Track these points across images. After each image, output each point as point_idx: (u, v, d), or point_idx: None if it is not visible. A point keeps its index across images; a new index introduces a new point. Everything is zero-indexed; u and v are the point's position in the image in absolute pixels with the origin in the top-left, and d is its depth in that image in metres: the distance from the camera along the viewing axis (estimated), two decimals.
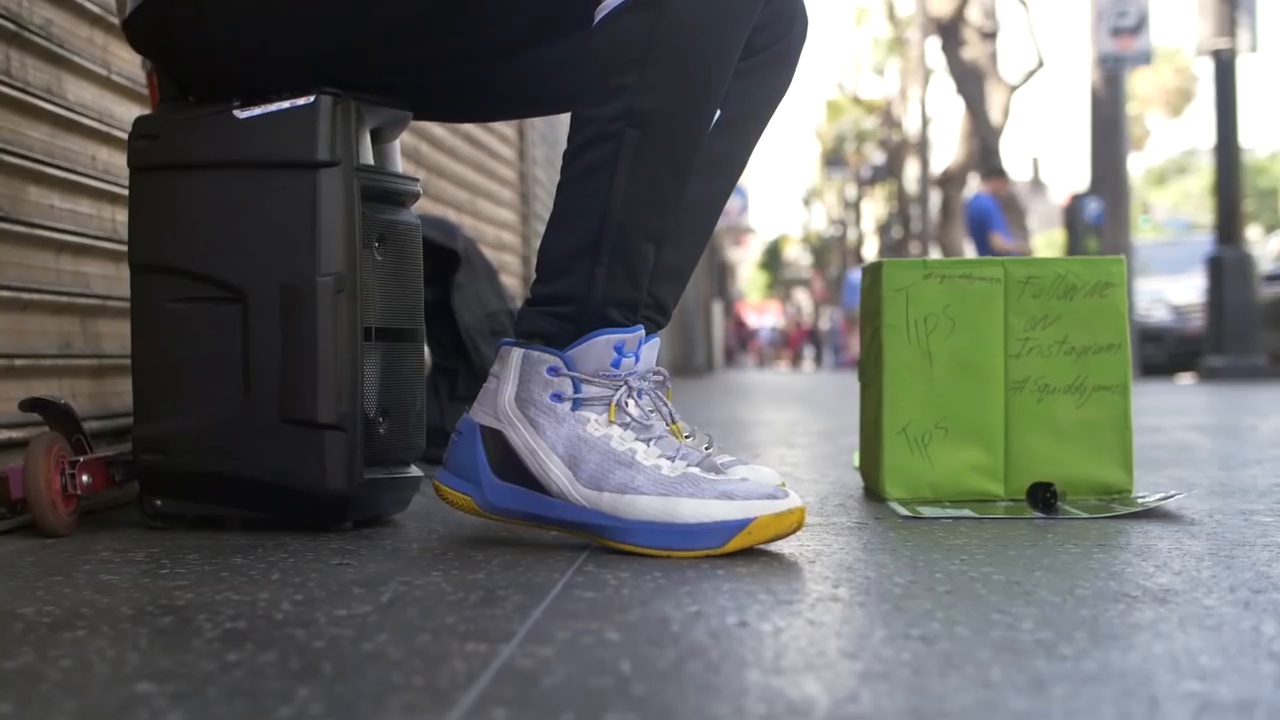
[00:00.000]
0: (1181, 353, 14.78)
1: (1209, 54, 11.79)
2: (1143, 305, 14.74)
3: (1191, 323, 14.61)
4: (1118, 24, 12.98)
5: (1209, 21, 11.75)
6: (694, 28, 1.51)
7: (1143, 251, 17.04)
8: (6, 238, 1.93)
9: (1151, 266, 16.37)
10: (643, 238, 1.55)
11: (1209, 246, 13.94)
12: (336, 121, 1.67)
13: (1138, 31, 12.98)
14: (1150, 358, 14.74)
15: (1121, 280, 2.07)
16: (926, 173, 26.23)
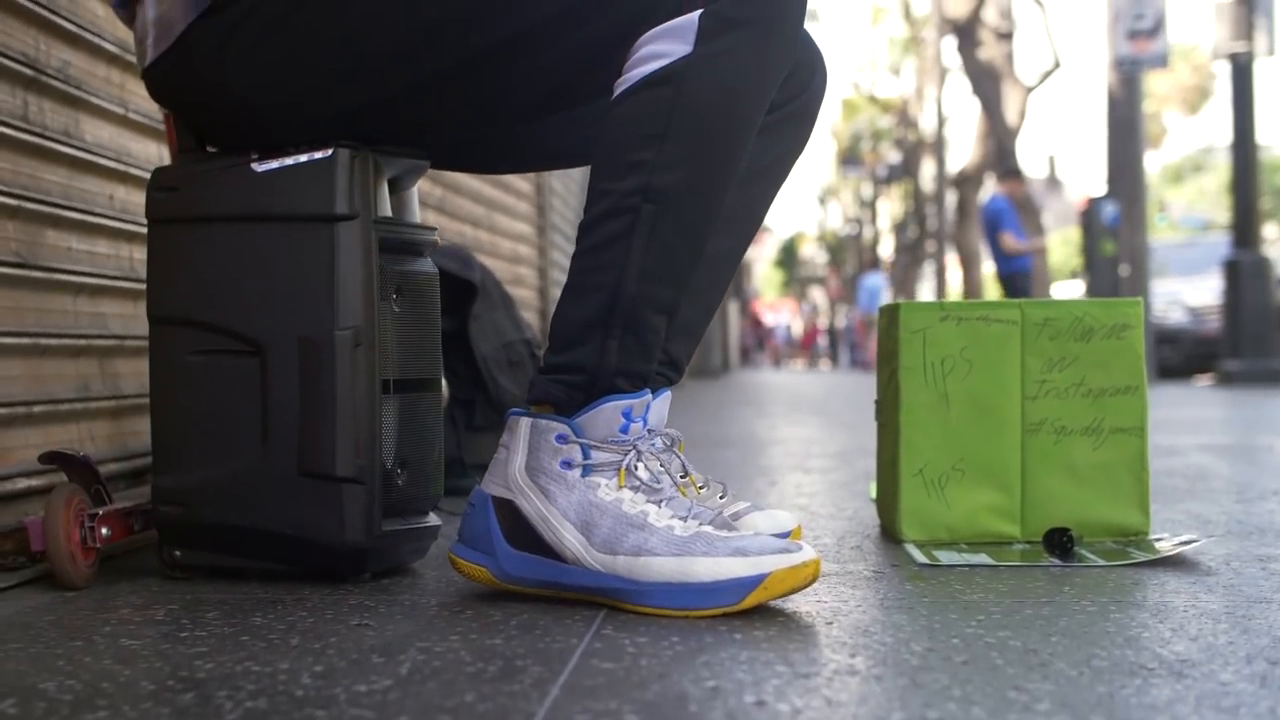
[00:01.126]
0: (1197, 354, 14.75)
1: (1226, 57, 11.76)
2: (1159, 307, 14.71)
3: (1208, 324, 14.58)
4: (1134, 26, 12.95)
5: (1226, 25, 11.71)
6: (713, 106, 1.51)
7: (1159, 253, 17.00)
8: (25, 284, 1.94)
9: (1168, 268, 16.33)
10: (656, 311, 1.55)
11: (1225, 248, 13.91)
12: (354, 175, 1.67)
13: (1155, 34, 12.94)
14: (1166, 359, 14.71)
15: (1139, 322, 2.06)
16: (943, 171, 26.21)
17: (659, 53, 1.52)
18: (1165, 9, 13.01)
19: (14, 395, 1.88)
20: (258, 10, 1.61)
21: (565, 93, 1.65)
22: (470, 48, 1.58)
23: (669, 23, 1.52)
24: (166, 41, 1.65)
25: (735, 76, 1.52)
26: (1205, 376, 12.72)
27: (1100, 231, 13.00)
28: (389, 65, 1.61)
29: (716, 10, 1.51)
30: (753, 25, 1.52)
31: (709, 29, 1.51)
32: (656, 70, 1.51)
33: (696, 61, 1.51)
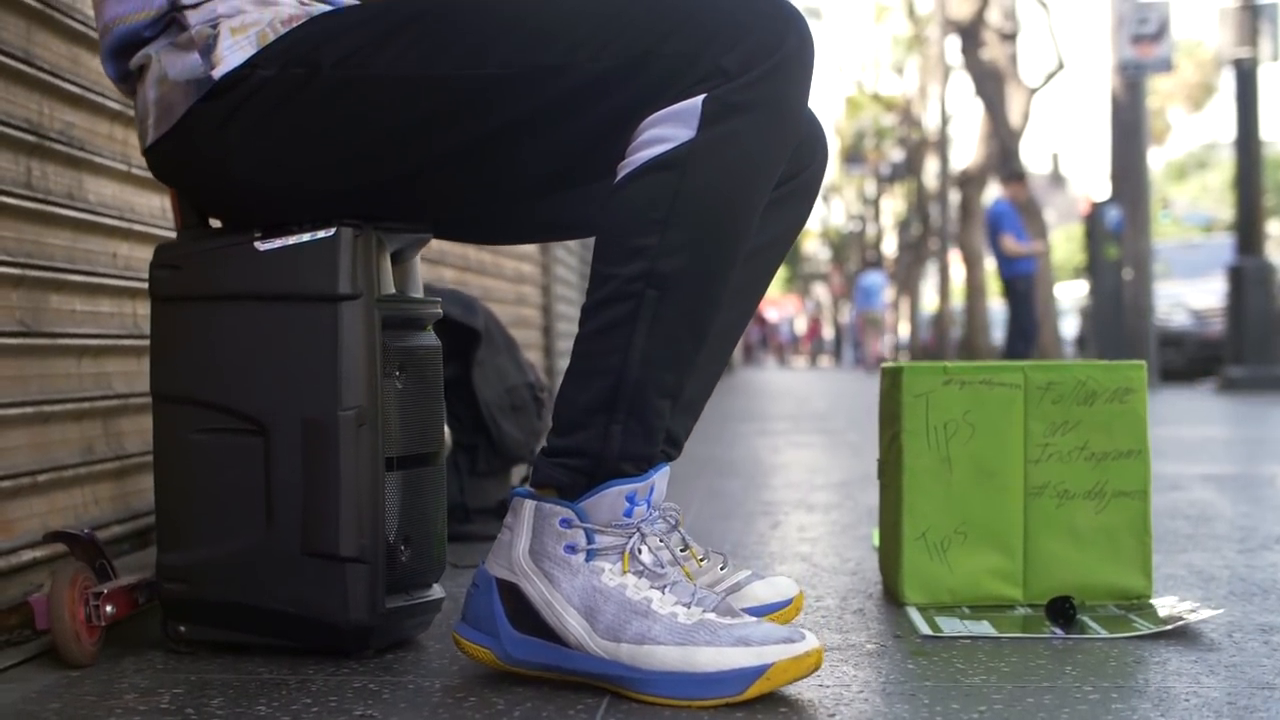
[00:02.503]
0: (1201, 357, 14.75)
1: (1231, 63, 11.75)
2: (1162, 309, 14.71)
3: (1211, 327, 14.58)
4: (1138, 31, 12.94)
5: (1230, 30, 11.71)
6: (717, 191, 1.51)
7: (1162, 255, 16.99)
8: (29, 351, 1.94)
9: (1171, 270, 16.32)
10: (660, 396, 1.55)
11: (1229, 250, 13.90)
12: (357, 254, 1.68)
13: (1158, 38, 12.93)
14: (1169, 362, 14.71)
15: (1142, 386, 2.07)
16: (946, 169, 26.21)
17: (662, 137, 1.52)
18: (1169, 14, 13.00)
19: (18, 466, 1.88)
20: (258, 95, 1.61)
21: (568, 174, 1.65)
22: (472, 132, 1.58)
23: (672, 107, 1.52)
24: (168, 123, 1.65)
25: (739, 162, 1.52)
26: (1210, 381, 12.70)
27: (1104, 236, 13.01)
28: (389, 150, 1.61)
29: (720, 95, 1.51)
30: (756, 110, 1.51)
31: (712, 114, 1.51)
32: (660, 155, 1.51)
33: (700, 147, 1.51)
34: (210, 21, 1.63)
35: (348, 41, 1.60)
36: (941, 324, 26.33)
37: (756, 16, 1.52)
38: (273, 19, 1.64)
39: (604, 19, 1.54)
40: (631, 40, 1.53)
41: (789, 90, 1.53)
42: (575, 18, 1.56)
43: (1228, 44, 11.76)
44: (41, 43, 2.02)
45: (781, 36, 1.52)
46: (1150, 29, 12.97)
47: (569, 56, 1.54)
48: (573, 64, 1.54)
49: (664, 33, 1.52)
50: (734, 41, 1.51)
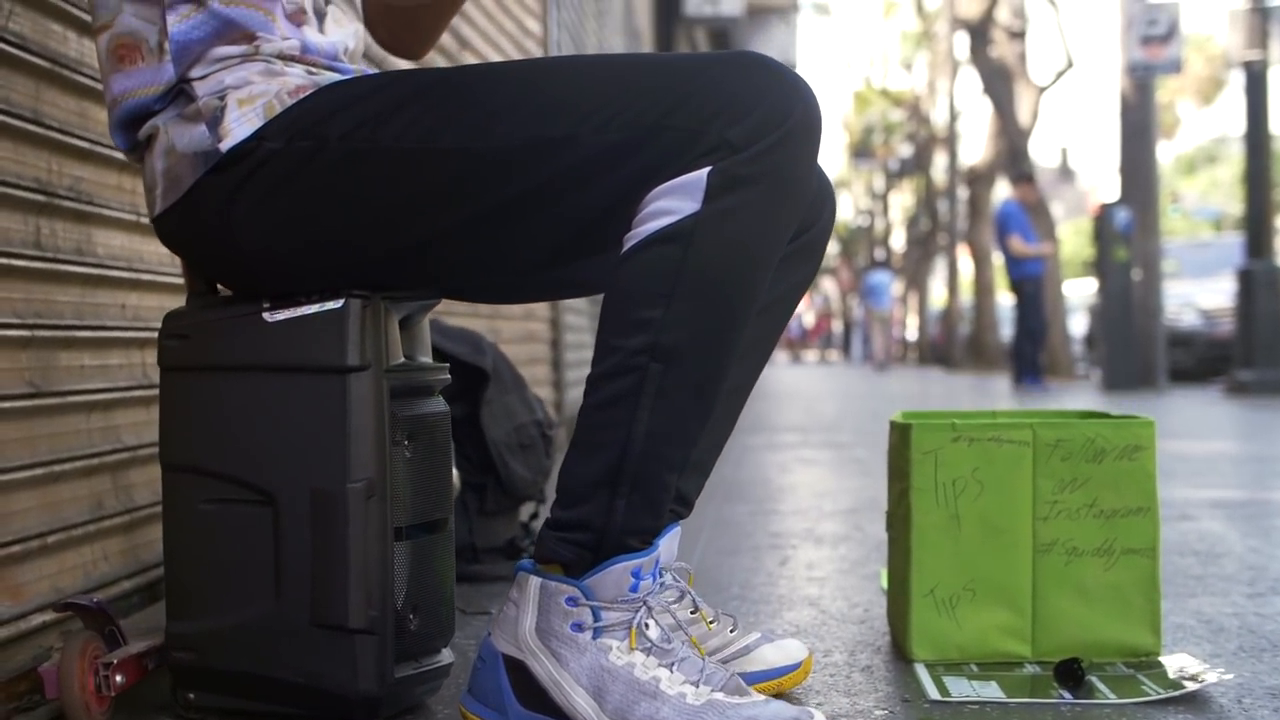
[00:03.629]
0: (1210, 357, 14.73)
1: (1241, 65, 11.72)
2: (1171, 309, 14.70)
3: (1220, 327, 14.56)
4: (1148, 32, 12.92)
5: (1240, 33, 11.68)
6: (722, 264, 1.51)
7: (1172, 254, 16.96)
8: (38, 412, 1.94)
9: (1181, 270, 16.30)
10: (665, 470, 1.55)
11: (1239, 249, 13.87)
12: (366, 325, 1.68)
13: (1168, 40, 12.91)
14: (1178, 362, 14.69)
15: (1151, 443, 2.06)
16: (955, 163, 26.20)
17: (667, 209, 1.51)
18: (1178, 15, 12.97)
19: (27, 529, 1.89)
20: (265, 167, 1.61)
21: (576, 246, 1.64)
22: (478, 206, 1.58)
23: (678, 179, 1.51)
24: (174, 195, 1.65)
25: (744, 234, 1.52)
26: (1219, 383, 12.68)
27: (1113, 237, 12.99)
28: (396, 223, 1.61)
29: (725, 169, 1.50)
30: (762, 182, 1.51)
31: (717, 186, 1.50)
32: (664, 227, 1.51)
33: (705, 220, 1.50)
34: (218, 93, 1.63)
35: (354, 114, 1.60)
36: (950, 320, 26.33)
37: (764, 90, 1.52)
38: (280, 90, 1.64)
39: (611, 92, 1.54)
40: (639, 114, 1.53)
41: (795, 162, 1.53)
42: (582, 91, 1.55)
43: (1238, 46, 11.73)
44: (50, 100, 2.02)
45: (789, 109, 1.52)
46: (1160, 30, 12.94)
47: (575, 129, 1.54)
48: (579, 137, 1.54)
49: (670, 106, 1.52)
50: (741, 115, 1.50)
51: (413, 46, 2.00)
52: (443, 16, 1.96)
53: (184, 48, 1.64)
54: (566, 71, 1.59)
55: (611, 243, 1.58)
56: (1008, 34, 18.57)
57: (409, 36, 1.99)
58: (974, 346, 23.37)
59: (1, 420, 1.85)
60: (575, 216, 1.58)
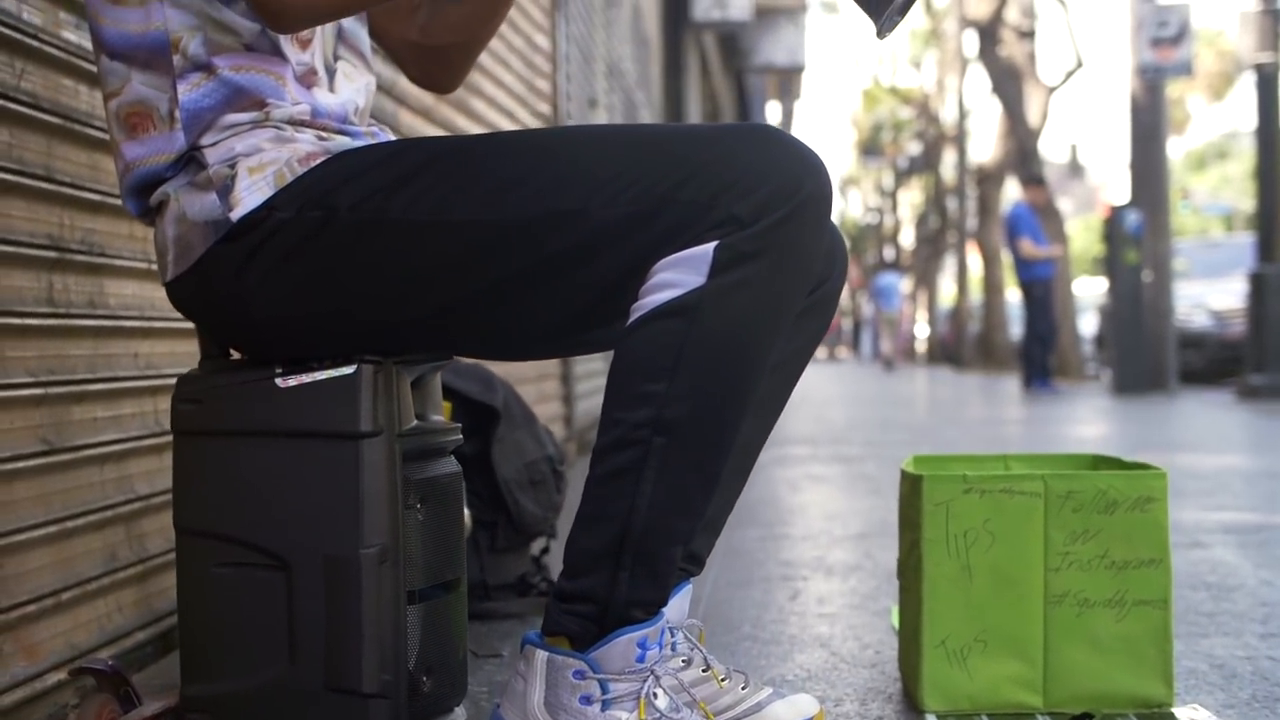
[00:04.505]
0: (1221, 358, 14.71)
1: (1252, 68, 11.69)
2: (1182, 310, 14.68)
3: (1231, 328, 14.53)
4: (1158, 34, 12.89)
5: (1251, 35, 11.65)
6: (727, 339, 1.51)
7: (1183, 254, 16.93)
8: (52, 469, 1.95)
9: (1192, 270, 16.27)
10: (668, 543, 1.56)
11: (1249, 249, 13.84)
12: (378, 391, 1.68)
13: (1178, 42, 12.89)
14: (1189, 364, 14.67)
15: (1163, 495, 2.06)
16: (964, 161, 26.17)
17: (672, 281, 1.52)
18: (1189, 17, 12.94)
19: (41, 587, 1.90)
20: (275, 237, 1.61)
21: (584, 316, 1.64)
22: (487, 277, 1.59)
23: (684, 252, 1.52)
24: (186, 262, 1.66)
25: (749, 309, 1.52)
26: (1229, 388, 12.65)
27: (1123, 240, 12.98)
28: (406, 293, 1.62)
29: (732, 243, 1.50)
30: (768, 257, 1.51)
31: (723, 261, 1.51)
32: (669, 301, 1.51)
33: (710, 294, 1.51)
34: (228, 161, 1.63)
35: (364, 184, 1.60)
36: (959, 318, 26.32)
37: (773, 165, 1.52)
38: (290, 157, 1.64)
39: (621, 165, 1.54)
40: (647, 187, 1.53)
41: (803, 236, 1.53)
42: (592, 163, 1.56)
43: (1249, 49, 11.70)
44: (62, 155, 2.02)
45: (797, 184, 1.52)
46: (1170, 32, 12.92)
47: (585, 203, 1.54)
48: (589, 210, 1.54)
49: (680, 180, 1.52)
50: (749, 190, 1.51)
51: (444, 82, 2.00)
52: (472, 51, 1.96)
53: (195, 116, 1.64)
54: (577, 143, 1.59)
55: (621, 313, 1.58)
56: (1017, 34, 18.54)
57: (440, 73, 1.98)
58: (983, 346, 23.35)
59: (16, 479, 1.86)
60: (584, 288, 1.59)
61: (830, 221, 1.66)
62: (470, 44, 1.93)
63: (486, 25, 1.90)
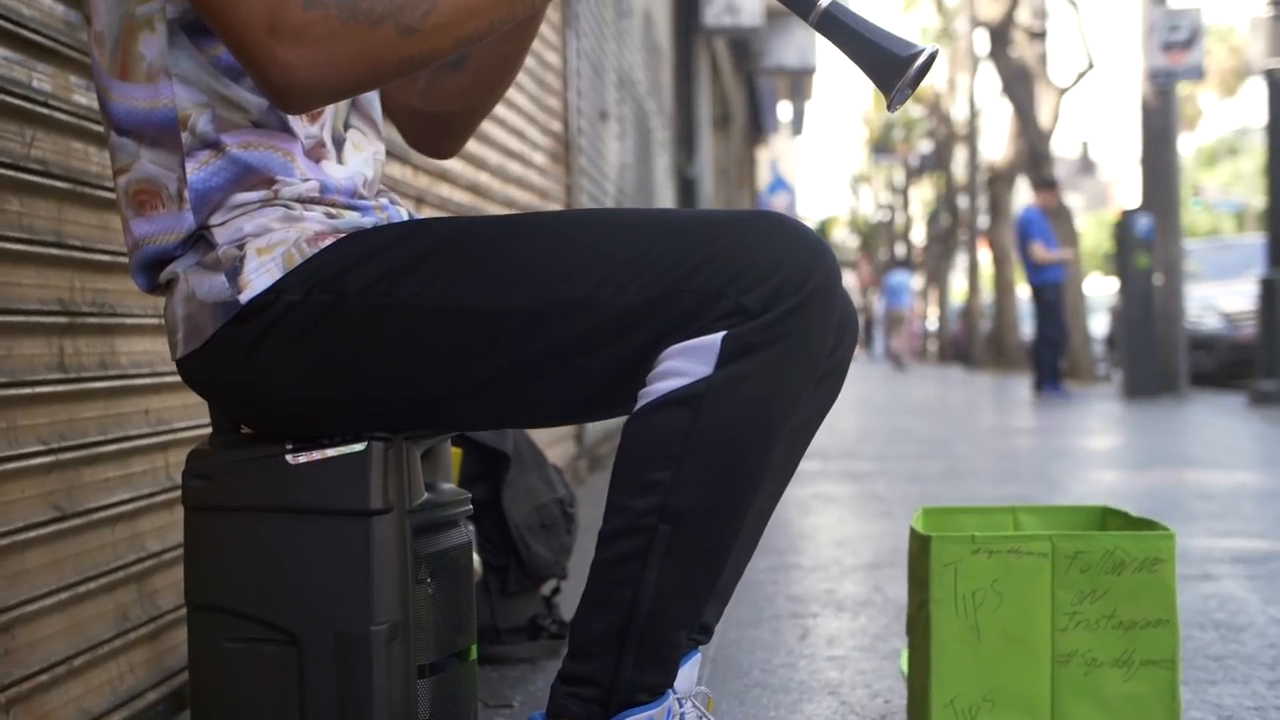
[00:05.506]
0: (1232, 361, 14.68)
1: (1262, 73, 11.66)
2: (1193, 312, 14.65)
3: (1242, 330, 14.50)
4: (1169, 38, 12.87)
5: (1262, 40, 11.63)
6: (733, 429, 1.52)
7: (1194, 255, 16.90)
8: (63, 535, 1.96)
9: (1203, 271, 16.23)
10: (673, 628, 1.57)
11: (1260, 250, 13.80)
12: (388, 468, 1.69)
13: (1190, 46, 12.86)
14: (1200, 366, 14.65)
15: (1171, 556, 2.07)
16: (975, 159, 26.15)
17: (680, 370, 1.53)
18: (1200, 20, 12.91)
19: (54, 655, 1.90)
20: (284, 320, 1.62)
21: (591, 402, 1.65)
22: (495, 364, 1.59)
23: (692, 341, 1.53)
24: (196, 342, 1.66)
25: (757, 399, 1.53)
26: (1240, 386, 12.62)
27: (1134, 244, 12.96)
28: (414, 377, 1.62)
29: (739, 334, 1.51)
30: (776, 347, 1.52)
31: (731, 352, 1.52)
32: (676, 390, 1.52)
33: (717, 384, 1.51)
34: (237, 241, 1.64)
35: (373, 268, 1.61)
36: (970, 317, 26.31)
37: (781, 255, 1.53)
38: (299, 238, 1.64)
39: (629, 254, 1.55)
40: (656, 277, 1.54)
41: (811, 327, 1.54)
42: (600, 252, 1.56)
43: (1259, 54, 11.67)
44: (72, 218, 2.03)
45: (805, 275, 1.53)
46: (1181, 36, 12.89)
47: (594, 291, 1.55)
48: (597, 298, 1.55)
49: (689, 270, 1.53)
50: (757, 281, 1.51)
51: (443, 148, 2.00)
52: (472, 120, 1.96)
53: (203, 196, 1.64)
54: (586, 228, 1.60)
55: (628, 396, 1.59)
56: (1028, 35, 18.50)
57: (439, 139, 1.98)
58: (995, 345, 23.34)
59: (28, 549, 1.87)
60: (592, 373, 1.59)
61: (840, 292, 1.66)
62: (471, 112, 1.93)
63: (488, 94, 1.90)
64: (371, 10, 1.52)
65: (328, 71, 1.54)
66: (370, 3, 1.53)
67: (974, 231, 26.70)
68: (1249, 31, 11.82)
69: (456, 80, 1.88)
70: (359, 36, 1.53)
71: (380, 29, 1.53)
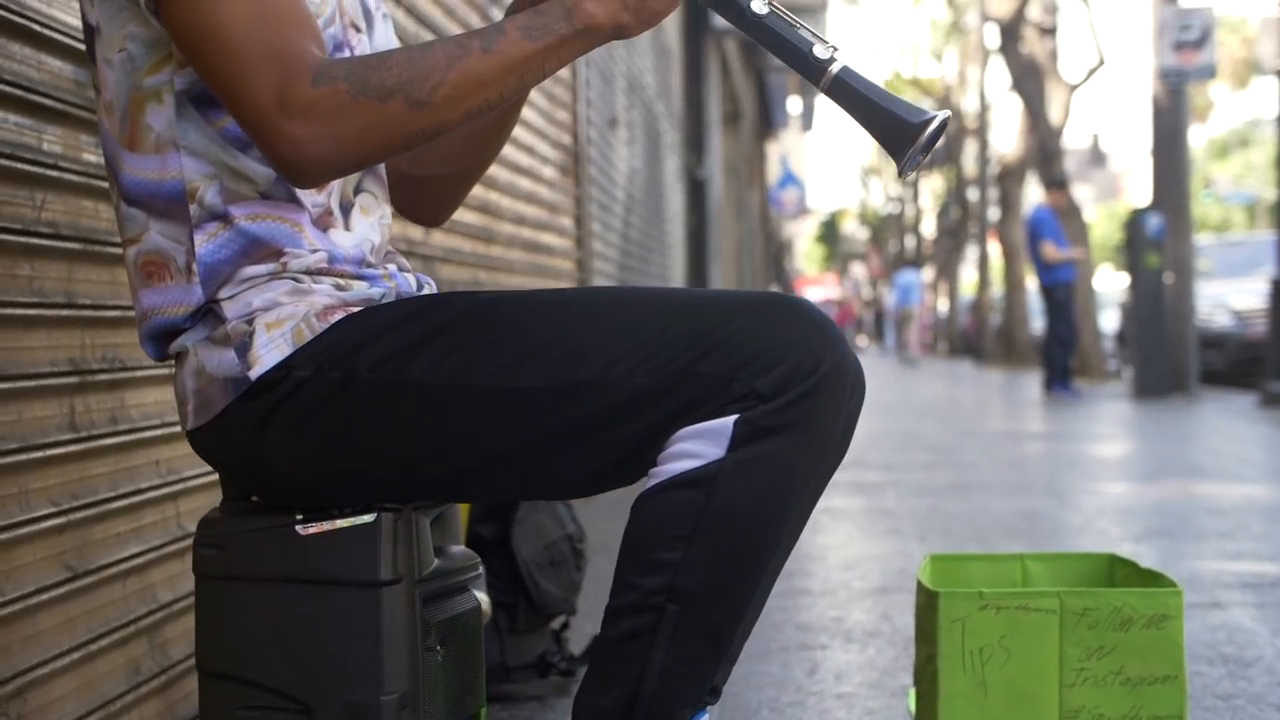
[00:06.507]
0: (1243, 359, 14.65)
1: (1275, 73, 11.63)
2: (1204, 310, 14.62)
3: (1253, 328, 14.47)
4: (1180, 38, 12.84)
5: (1275, 39, 11.59)
6: (744, 512, 1.52)
7: (1205, 253, 16.86)
8: (75, 595, 1.97)
9: (1214, 270, 16.20)
10: (678, 706, 1.57)
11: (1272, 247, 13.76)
12: (398, 539, 1.69)
13: (1201, 45, 12.82)
14: (1210, 364, 14.62)
15: (1178, 613, 2.07)
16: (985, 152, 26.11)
17: (691, 452, 1.53)
18: (1212, 20, 12.87)
19: (66, 716, 1.92)
20: (295, 396, 1.62)
21: (601, 479, 1.65)
22: (505, 443, 1.60)
23: (704, 424, 1.53)
24: (206, 416, 1.67)
25: (768, 483, 1.53)
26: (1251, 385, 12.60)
27: (1145, 244, 12.93)
28: (424, 454, 1.63)
29: (752, 418, 1.52)
30: (788, 432, 1.52)
31: (743, 436, 1.52)
32: (687, 471, 1.53)
33: (729, 468, 1.52)
34: (246, 316, 1.64)
35: (384, 345, 1.62)
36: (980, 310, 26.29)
37: (794, 340, 1.53)
38: (308, 312, 1.65)
39: (641, 337, 1.55)
40: (668, 360, 1.54)
41: (823, 411, 1.54)
42: (613, 334, 1.57)
43: (1271, 54, 11.64)
44: (83, 277, 2.04)
45: (818, 360, 1.53)
46: (1193, 35, 12.85)
47: (605, 373, 1.55)
48: (609, 380, 1.55)
49: (700, 353, 1.53)
50: (770, 365, 1.52)
51: (431, 215, 2.00)
52: (462, 188, 1.96)
53: (211, 270, 1.65)
54: (599, 308, 1.60)
55: (638, 474, 1.59)
56: (1038, 31, 18.46)
57: (426, 206, 1.98)
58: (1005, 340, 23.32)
59: (40, 611, 1.88)
60: (602, 453, 1.60)
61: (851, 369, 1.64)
62: (457, 177, 1.92)
63: (475, 158, 1.89)
64: (381, 84, 1.53)
65: (337, 147, 1.54)
66: (379, 76, 1.53)
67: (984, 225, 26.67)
68: (1260, 31, 11.79)
69: (445, 144, 1.87)
70: (369, 111, 1.53)
71: (390, 103, 1.53)
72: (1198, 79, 13.15)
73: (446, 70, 1.52)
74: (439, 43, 1.56)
